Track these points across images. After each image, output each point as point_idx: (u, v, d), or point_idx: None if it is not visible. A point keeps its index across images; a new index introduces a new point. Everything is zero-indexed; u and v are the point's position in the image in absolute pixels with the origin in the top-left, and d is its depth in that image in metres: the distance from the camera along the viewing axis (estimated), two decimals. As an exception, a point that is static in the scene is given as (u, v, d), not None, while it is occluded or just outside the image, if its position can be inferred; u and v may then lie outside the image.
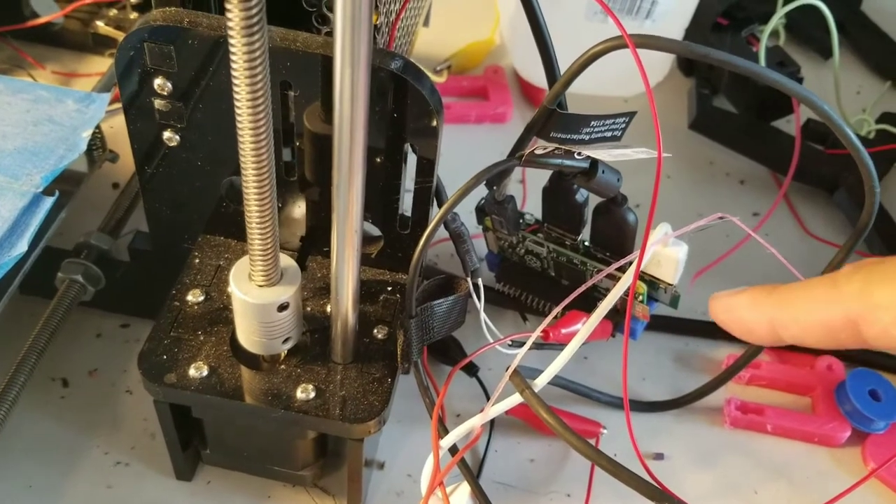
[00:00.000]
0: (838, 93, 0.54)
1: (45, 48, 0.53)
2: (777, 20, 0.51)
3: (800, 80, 0.52)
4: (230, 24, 0.22)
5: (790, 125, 0.52)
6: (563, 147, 0.32)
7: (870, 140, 0.52)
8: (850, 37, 0.62)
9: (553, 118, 0.32)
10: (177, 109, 0.32)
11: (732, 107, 0.54)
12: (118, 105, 0.32)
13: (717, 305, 0.32)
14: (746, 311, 0.30)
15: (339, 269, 0.29)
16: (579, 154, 0.32)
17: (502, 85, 0.56)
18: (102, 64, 0.53)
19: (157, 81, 0.31)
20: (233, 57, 0.23)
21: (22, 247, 0.32)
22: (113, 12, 0.52)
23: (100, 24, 0.52)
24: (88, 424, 0.38)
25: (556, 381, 0.39)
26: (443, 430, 0.32)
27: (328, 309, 0.32)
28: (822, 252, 0.48)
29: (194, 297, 0.34)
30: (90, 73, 0.53)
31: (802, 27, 0.61)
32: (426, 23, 0.47)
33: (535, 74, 0.54)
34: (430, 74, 0.54)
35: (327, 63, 0.29)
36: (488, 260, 0.43)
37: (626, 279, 0.31)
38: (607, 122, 0.33)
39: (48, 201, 0.34)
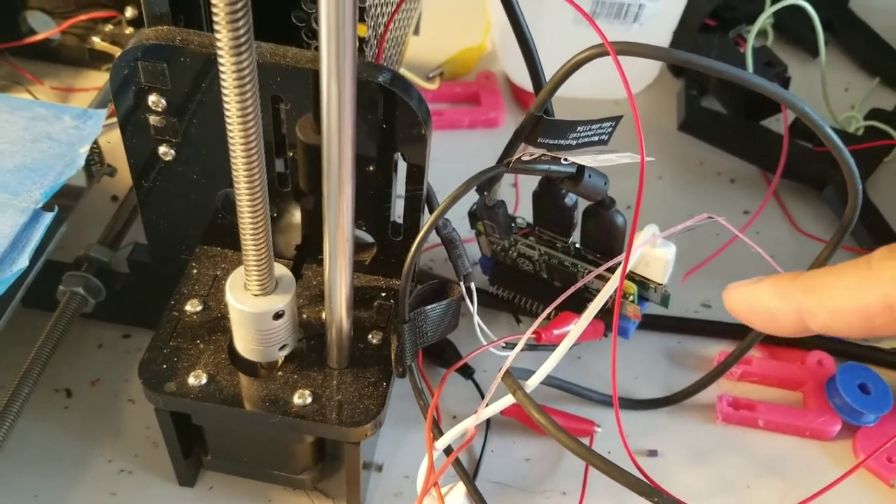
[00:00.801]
0: (825, 90, 0.54)
1: (43, 64, 0.54)
2: (764, 20, 0.52)
3: (787, 80, 0.52)
4: (219, 43, 0.23)
5: (779, 124, 0.53)
6: (551, 153, 0.33)
7: (858, 137, 0.53)
8: (838, 34, 0.63)
9: (540, 124, 0.33)
10: (171, 125, 0.32)
11: (721, 107, 0.55)
12: (115, 120, 0.33)
13: (736, 296, 0.30)
14: (770, 300, 0.29)
15: (332, 277, 0.30)
16: (565, 159, 0.33)
17: (494, 90, 0.56)
18: (100, 78, 0.54)
19: (152, 98, 0.31)
20: (222, 75, 0.24)
21: (23, 262, 0.33)
22: (109, 28, 0.53)
23: (96, 39, 0.53)
24: (92, 433, 0.38)
25: (551, 382, 0.40)
26: (437, 432, 0.33)
27: (323, 316, 0.33)
28: (813, 248, 0.49)
29: (192, 306, 0.34)
30: (88, 87, 0.53)
31: (790, 26, 0.61)
32: (416, 31, 0.47)
33: (527, 79, 0.54)
34: (422, 82, 0.55)
35: (317, 77, 0.30)
36: (482, 263, 0.43)
37: (613, 281, 0.32)
38: (594, 126, 0.34)
39: (48, 217, 0.35)
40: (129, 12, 0.52)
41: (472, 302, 0.33)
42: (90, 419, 0.39)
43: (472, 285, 0.34)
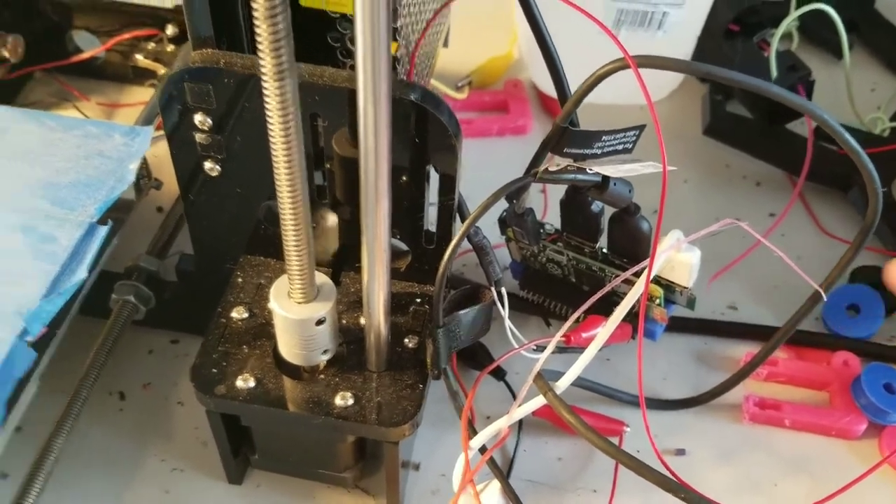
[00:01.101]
0: (850, 93, 0.55)
1: (89, 81, 0.56)
2: (788, 24, 0.52)
3: (811, 83, 0.53)
4: (263, 69, 0.25)
5: (804, 127, 0.53)
6: (577, 162, 0.34)
7: (884, 138, 0.53)
8: (864, 35, 0.63)
9: (566, 135, 0.34)
10: (216, 142, 0.34)
11: (746, 111, 0.56)
12: (160, 133, 0.35)
13: None
14: None
15: (370, 284, 0.32)
16: (591, 168, 0.34)
17: (522, 98, 0.58)
18: (143, 94, 0.56)
19: (198, 118, 0.33)
20: (266, 98, 0.25)
21: (82, 273, 0.35)
22: (151, 45, 0.55)
23: (139, 56, 0.55)
24: (144, 435, 0.40)
25: (581, 383, 0.41)
26: (472, 432, 0.34)
27: (362, 321, 0.34)
28: (839, 250, 0.49)
29: (238, 313, 0.36)
30: (132, 102, 0.56)
31: (815, 29, 0.62)
32: (445, 44, 0.49)
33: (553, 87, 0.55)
34: (451, 91, 0.57)
35: (352, 94, 0.31)
36: (512, 268, 0.45)
37: (638, 286, 0.33)
38: (618, 135, 0.35)
39: (103, 230, 0.37)
40: (171, 30, 0.54)
41: (503, 306, 0.35)
42: (142, 421, 0.41)
43: (503, 290, 0.35)
